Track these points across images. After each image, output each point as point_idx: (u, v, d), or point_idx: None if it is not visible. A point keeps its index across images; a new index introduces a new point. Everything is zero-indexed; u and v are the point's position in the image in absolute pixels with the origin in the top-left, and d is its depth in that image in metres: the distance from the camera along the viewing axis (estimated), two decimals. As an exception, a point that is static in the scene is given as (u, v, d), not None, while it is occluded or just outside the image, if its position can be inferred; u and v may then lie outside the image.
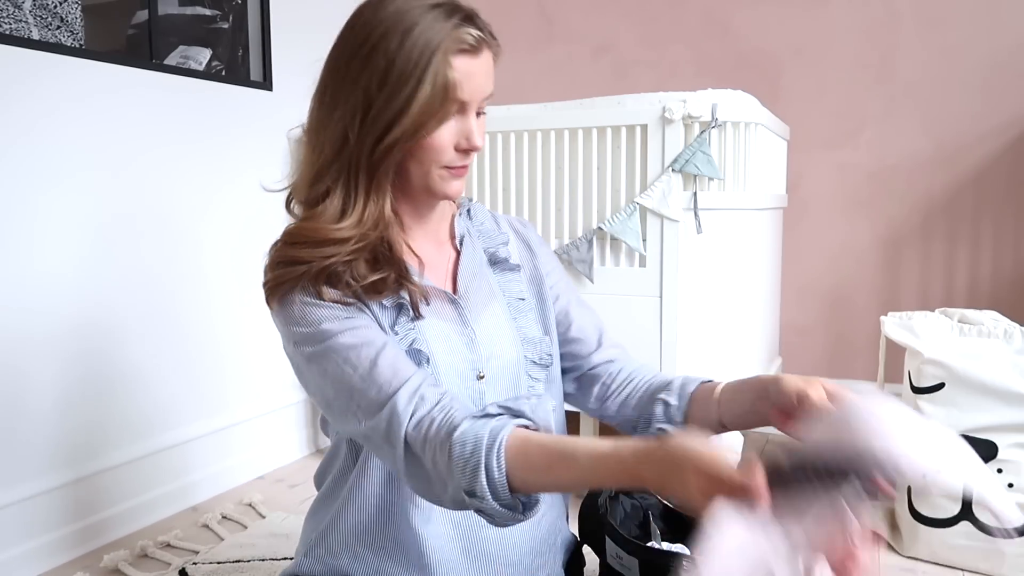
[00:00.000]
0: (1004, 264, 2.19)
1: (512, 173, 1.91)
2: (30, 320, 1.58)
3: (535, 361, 1.02)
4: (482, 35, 0.87)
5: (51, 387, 1.62)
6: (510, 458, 0.76)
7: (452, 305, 0.97)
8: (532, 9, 2.70)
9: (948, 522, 1.53)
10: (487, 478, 0.75)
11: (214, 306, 1.99)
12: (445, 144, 0.88)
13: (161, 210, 1.85)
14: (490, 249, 1.05)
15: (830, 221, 2.37)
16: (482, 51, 0.87)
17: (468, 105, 0.88)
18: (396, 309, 0.91)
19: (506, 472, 0.75)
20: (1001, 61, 2.14)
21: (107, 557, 1.60)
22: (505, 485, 0.75)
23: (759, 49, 2.40)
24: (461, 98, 0.86)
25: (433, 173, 0.90)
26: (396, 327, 0.91)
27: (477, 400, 0.96)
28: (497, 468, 0.75)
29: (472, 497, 0.76)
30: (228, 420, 2.04)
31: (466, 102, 0.87)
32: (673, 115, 1.71)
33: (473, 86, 0.86)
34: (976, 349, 1.53)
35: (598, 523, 1.09)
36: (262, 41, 2.12)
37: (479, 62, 0.87)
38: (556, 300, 1.09)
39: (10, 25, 1.51)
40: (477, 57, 0.86)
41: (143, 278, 1.80)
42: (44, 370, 1.61)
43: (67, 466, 1.66)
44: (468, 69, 0.85)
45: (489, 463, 0.75)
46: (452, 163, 0.90)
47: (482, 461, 0.75)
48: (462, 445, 0.77)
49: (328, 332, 0.86)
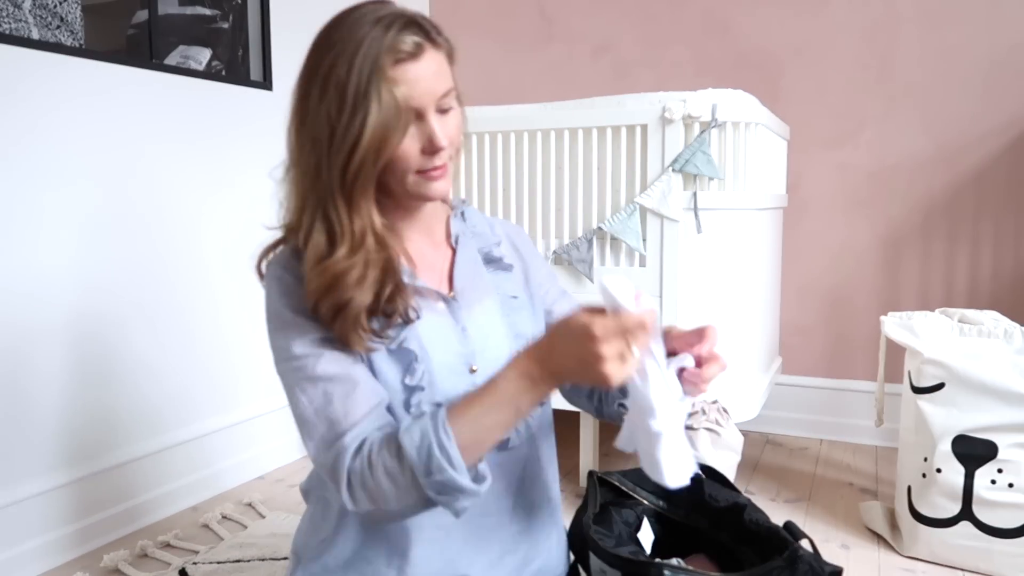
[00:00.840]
0: (1004, 264, 2.19)
1: (512, 173, 1.91)
2: (29, 323, 1.58)
3: None
4: (420, 39, 0.87)
5: (51, 388, 1.62)
6: (452, 420, 0.82)
7: (446, 302, 0.99)
8: (532, 9, 2.70)
9: (948, 522, 1.53)
10: (440, 450, 0.80)
11: (214, 307, 1.99)
12: (409, 153, 0.89)
13: (161, 210, 1.85)
14: (484, 249, 1.07)
15: (830, 221, 2.37)
16: (424, 54, 0.87)
17: (423, 109, 0.88)
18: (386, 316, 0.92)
19: (454, 437, 0.81)
20: (1001, 61, 2.14)
21: (107, 557, 1.60)
22: (457, 451, 0.80)
23: (759, 49, 2.40)
24: (413, 106, 0.87)
25: (408, 180, 0.91)
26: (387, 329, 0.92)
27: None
28: (446, 436, 0.81)
29: (429, 477, 0.80)
30: (228, 420, 2.04)
31: (416, 108, 0.87)
32: (673, 115, 1.71)
33: (421, 90, 0.87)
34: (976, 349, 1.53)
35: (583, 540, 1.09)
36: (262, 41, 2.12)
37: (422, 66, 0.87)
38: (545, 301, 1.12)
39: (10, 25, 1.51)
40: (419, 61, 0.87)
41: (142, 279, 1.80)
42: (44, 371, 1.61)
43: (67, 466, 1.66)
44: (411, 76, 0.86)
45: (439, 436, 0.80)
46: (423, 167, 0.90)
47: (431, 437, 0.80)
48: (410, 437, 0.82)
49: (296, 355, 0.89)
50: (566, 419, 1.81)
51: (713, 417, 1.67)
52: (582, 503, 1.20)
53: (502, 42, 2.76)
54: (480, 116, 1.94)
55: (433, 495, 0.82)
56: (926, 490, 1.56)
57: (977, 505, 1.50)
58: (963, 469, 1.51)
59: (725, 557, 1.15)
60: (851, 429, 2.37)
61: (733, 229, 1.77)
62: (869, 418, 2.32)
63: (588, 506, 1.15)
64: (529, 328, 1.05)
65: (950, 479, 1.52)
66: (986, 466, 1.49)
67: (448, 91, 0.90)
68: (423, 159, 0.90)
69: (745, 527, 1.11)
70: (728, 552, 1.15)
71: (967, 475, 1.50)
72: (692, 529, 1.21)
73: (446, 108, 0.91)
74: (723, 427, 1.67)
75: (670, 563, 0.98)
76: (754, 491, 1.99)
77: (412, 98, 0.86)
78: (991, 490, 1.49)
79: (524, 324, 1.04)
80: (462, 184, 1.96)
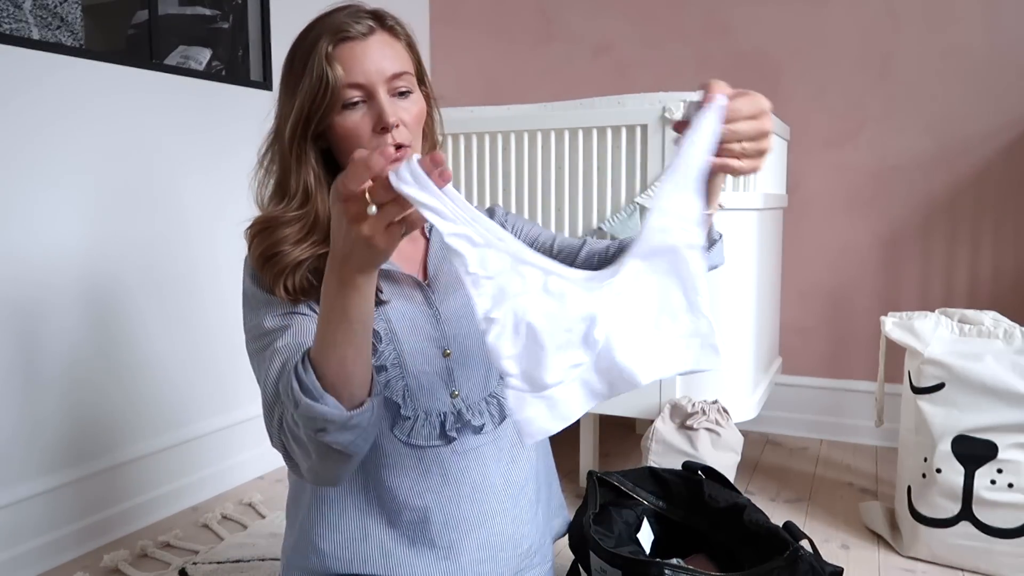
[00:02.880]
0: (1004, 264, 2.19)
1: (512, 173, 1.91)
2: (29, 323, 1.58)
3: None
4: (371, 23, 0.93)
5: (51, 388, 1.62)
6: (311, 354, 0.78)
7: (420, 289, 1.01)
8: (532, 9, 2.70)
9: (948, 522, 1.53)
10: (298, 382, 0.76)
11: (214, 307, 1.99)
12: (360, 130, 0.93)
13: (161, 210, 1.85)
14: None
15: (830, 221, 2.37)
16: (372, 36, 0.93)
17: (369, 87, 0.92)
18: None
19: (311, 366, 0.77)
20: (1001, 61, 2.14)
21: (107, 557, 1.60)
22: (314, 379, 0.76)
23: (759, 49, 2.40)
24: (354, 81, 0.91)
25: None
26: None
27: (445, 376, 0.98)
28: (303, 367, 0.77)
29: (298, 408, 0.77)
30: (228, 420, 2.04)
31: (362, 84, 0.92)
32: (673, 115, 1.71)
33: (364, 69, 0.91)
34: (976, 349, 1.53)
35: (583, 540, 1.09)
36: (262, 41, 2.12)
37: (366, 45, 0.92)
38: (532, 241, 1.13)
39: (10, 25, 1.51)
40: (364, 42, 0.92)
41: (141, 280, 1.81)
42: (44, 371, 1.61)
43: (67, 466, 1.66)
44: (355, 54, 0.92)
45: (297, 370, 0.77)
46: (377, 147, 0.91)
47: (291, 373, 0.78)
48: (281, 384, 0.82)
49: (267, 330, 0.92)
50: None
51: (713, 417, 1.67)
52: (582, 503, 1.20)
53: (502, 42, 2.76)
54: (480, 116, 1.94)
55: (313, 435, 0.78)
56: (926, 490, 1.56)
57: (977, 505, 1.50)
58: (963, 469, 1.51)
59: (725, 557, 1.16)
60: (851, 429, 2.37)
61: (733, 229, 1.77)
62: (869, 418, 2.32)
63: (588, 506, 1.16)
64: None
65: (950, 479, 1.52)
66: (986, 466, 1.49)
67: (401, 74, 0.94)
68: (375, 138, 0.93)
69: (745, 527, 1.11)
70: (728, 552, 1.15)
71: (967, 475, 1.50)
72: (692, 529, 1.21)
73: (402, 91, 0.94)
74: (723, 427, 1.67)
75: (670, 562, 0.98)
76: (754, 491, 1.99)
77: (355, 75, 0.91)
78: (991, 490, 1.49)
79: None
80: (462, 184, 1.96)
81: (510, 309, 0.71)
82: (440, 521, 0.96)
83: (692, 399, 1.72)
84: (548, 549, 1.09)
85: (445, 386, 0.98)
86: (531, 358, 0.71)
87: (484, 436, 0.99)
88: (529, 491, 1.04)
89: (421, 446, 0.96)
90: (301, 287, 0.92)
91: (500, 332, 0.71)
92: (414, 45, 1.00)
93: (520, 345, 0.71)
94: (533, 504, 1.05)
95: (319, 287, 0.90)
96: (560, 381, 0.72)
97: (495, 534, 0.98)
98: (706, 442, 1.66)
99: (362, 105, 0.93)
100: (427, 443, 0.96)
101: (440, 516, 0.96)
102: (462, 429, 0.98)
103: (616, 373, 0.73)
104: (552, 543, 1.12)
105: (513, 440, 1.03)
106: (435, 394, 0.97)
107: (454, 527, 0.96)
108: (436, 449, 0.97)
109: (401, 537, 0.96)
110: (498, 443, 1.01)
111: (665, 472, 1.26)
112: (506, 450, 1.02)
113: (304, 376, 0.76)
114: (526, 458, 1.05)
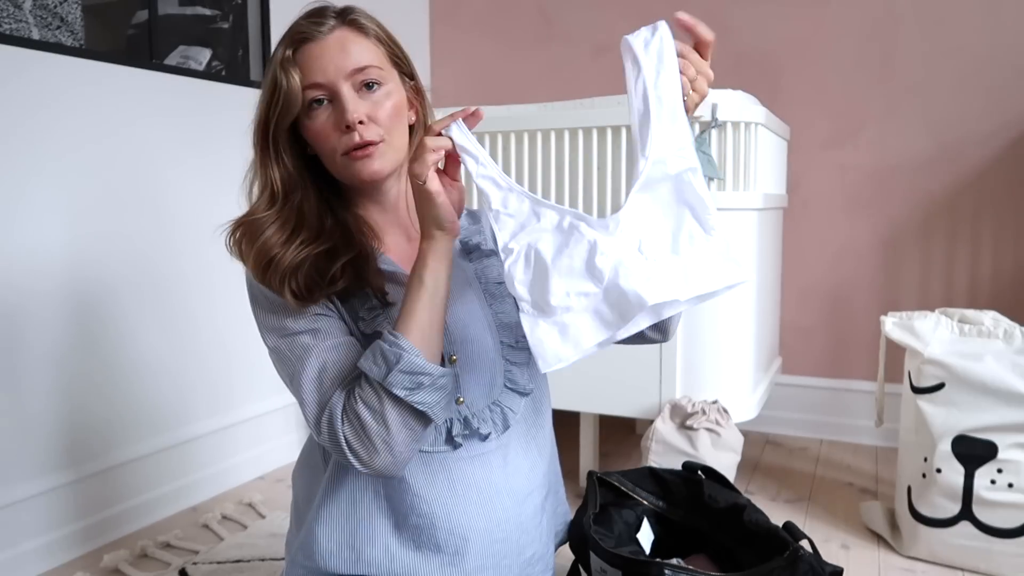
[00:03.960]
0: (1004, 264, 2.19)
1: (512, 173, 1.91)
2: (27, 323, 1.58)
3: (512, 345, 1.03)
4: (331, 22, 0.94)
5: (51, 388, 1.62)
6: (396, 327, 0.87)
7: None
8: (532, 9, 2.70)
9: (948, 522, 1.53)
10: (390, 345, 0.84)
11: (214, 307, 1.99)
12: (326, 131, 0.94)
13: (161, 210, 1.85)
14: (463, 238, 1.08)
15: (830, 221, 2.37)
16: (329, 35, 0.94)
17: (329, 85, 0.93)
18: (362, 300, 0.95)
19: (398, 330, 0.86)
20: (1001, 61, 2.14)
21: (107, 557, 1.60)
22: (406, 339, 0.85)
23: (759, 49, 2.40)
24: (313, 81, 0.92)
25: (337, 161, 0.96)
26: (361, 313, 0.95)
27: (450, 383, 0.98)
28: (391, 335, 0.85)
29: (393, 374, 0.83)
30: (228, 420, 2.04)
31: (322, 84, 0.93)
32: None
33: (320, 67, 0.92)
34: (976, 349, 1.53)
35: (583, 540, 1.09)
36: (262, 41, 2.12)
37: (323, 44, 0.93)
38: None
39: (10, 25, 1.51)
40: (320, 41, 0.93)
41: (141, 279, 1.81)
42: (44, 371, 1.61)
43: (67, 466, 1.66)
44: (310, 55, 0.93)
45: (386, 338, 0.85)
46: (346, 146, 0.94)
47: (379, 344, 0.85)
48: (365, 358, 0.86)
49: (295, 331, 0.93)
50: (566, 420, 1.81)
51: (713, 417, 1.68)
52: (582, 503, 1.20)
53: (502, 42, 2.76)
54: (480, 116, 1.94)
55: (408, 396, 0.84)
56: (926, 490, 1.56)
57: (977, 505, 1.50)
58: (963, 469, 1.51)
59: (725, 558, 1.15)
60: (851, 429, 2.37)
61: (733, 229, 1.77)
62: (869, 418, 2.32)
63: (588, 506, 1.16)
64: (514, 315, 1.04)
65: (950, 479, 1.52)
66: (986, 466, 1.49)
67: (365, 67, 0.94)
68: (342, 137, 0.94)
69: (745, 527, 1.11)
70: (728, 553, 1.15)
71: (967, 475, 1.50)
72: (692, 530, 1.21)
73: (368, 83, 0.94)
74: (723, 427, 1.67)
75: (670, 563, 0.98)
76: (754, 491, 1.99)
77: (314, 75, 0.92)
78: (991, 490, 1.49)
79: (509, 312, 1.04)
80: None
81: (525, 240, 0.79)
82: (446, 527, 0.95)
83: (692, 399, 1.72)
84: (551, 558, 1.09)
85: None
86: (538, 282, 0.78)
87: (490, 443, 0.99)
88: (535, 499, 1.04)
89: (427, 451, 0.96)
90: (307, 286, 0.91)
91: (515, 260, 0.79)
92: (386, 39, 0.99)
93: (531, 272, 0.78)
94: (539, 512, 1.05)
95: (324, 285, 0.91)
96: (568, 307, 0.76)
97: (499, 541, 0.98)
98: (706, 442, 1.66)
99: (328, 104, 0.94)
100: (433, 448, 0.96)
101: (446, 522, 0.95)
102: (469, 436, 0.97)
103: (624, 300, 0.75)
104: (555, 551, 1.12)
105: (520, 448, 1.03)
106: None
107: (459, 533, 0.96)
108: (443, 455, 0.96)
109: (407, 541, 0.96)
110: (504, 451, 1.00)
111: (665, 472, 1.26)
112: (512, 458, 1.01)
113: (398, 338, 0.84)
114: (531, 466, 1.04)
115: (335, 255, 0.93)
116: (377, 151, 0.95)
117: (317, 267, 0.92)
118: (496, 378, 1.01)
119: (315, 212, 0.97)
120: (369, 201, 1.03)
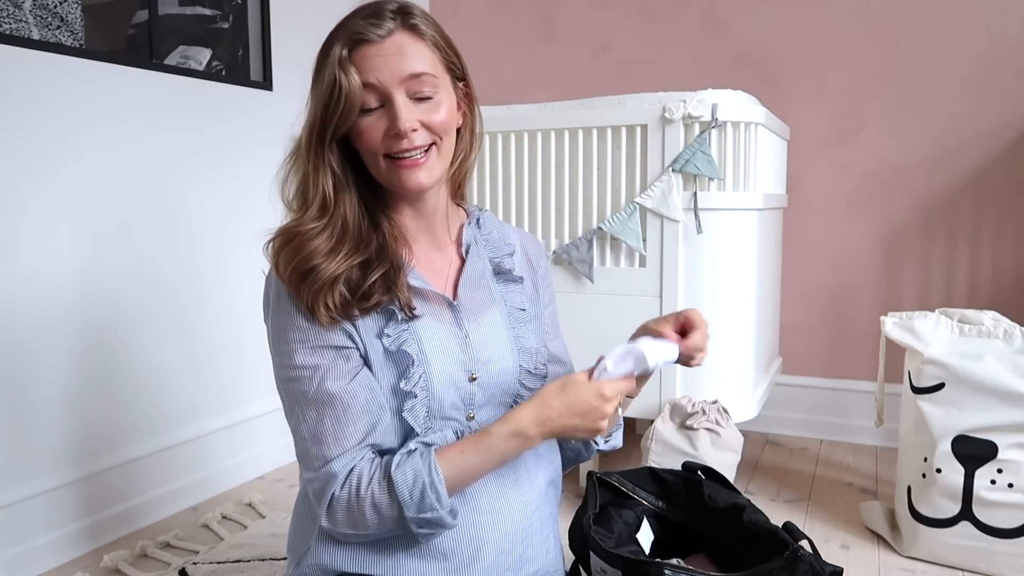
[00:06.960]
0: (1004, 264, 2.19)
1: (512, 173, 1.91)
2: (30, 323, 1.58)
3: (530, 370, 1.04)
4: (391, 24, 0.91)
5: (51, 388, 1.62)
6: (442, 463, 0.89)
7: (450, 309, 1.00)
8: (532, 9, 2.70)
9: (948, 522, 1.53)
10: (432, 491, 0.87)
11: (214, 307, 1.99)
12: (373, 133, 0.92)
13: (161, 210, 1.85)
14: (495, 259, 1.08)
15: (830, 221, 2.37)
16: (387, 39, 0.91)
17: (383, 91, 0.91)
18: (387, 315, 0.94)
19: (444, 480, 0.88)
20: (1001, 61, 2.14)
21: (107, 557, 1.60)
22: (446, 493, 0.88)
23: (759, 49, 2.39)
24: (369, 85, 0.90)
25: (380, 164, 0.94)
26: (386, 330, 0.93)
27: (468, 401, 0.98)
28: (438, 478, 0.88)
29: (419, 515, 0.88)
30: (228, 420, 2.04)
31: (377, 88, 0.90)
32: (673, 115, 1.71)
33: (375, 70, 0.90)
34: (976, 349, 1.53)
35: (583, 540, 1.09)
36: (262, 41, 2.12)
37: (381, 47, 0.91)
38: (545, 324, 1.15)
39: (10, 25, 1.51)
40: (379, 45, 0.91)
41: (142, 279, 1.81)
42: (44, 372, 1.61)
43: (67, 466, 1.66)
44: (367, 58, 0.90)
45: (431, 477, 0.88)
46: (389, 150, 0.93)
47: (424, 479, 0.87)
48: (403, 475, 0.88)
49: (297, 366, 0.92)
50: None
51: (713, 417, 1.67)
52: (582, 503, 1.20)
53: (502, 42, 2.76)
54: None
55: (415, 528, 0.88)
56: (926, 490, 1.56)
57: (977, 505, 1.50)
58: (963, 469, 1.51)
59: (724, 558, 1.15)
60: (851, 429, 2.37)
61: (733, 229, 1.77)
62: (869, 418, 2.32)
63: (588, 506, 1.16)
64: (533, 342, 1.06)
65: (950, 479, 1.52)
66: (986, 466, 1.49)
67: (420, 75, 0.92)
68: (388, 142, 0.92)
69: (744, 528, 1.11)
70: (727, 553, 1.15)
71: (967, 475, 1.50)
72: (691, 530, 1.21)
73: (421, 95, 0.92)
74: (723, 427, 1.67)
75: (670, 563, 0.98)
76: (754, 491, 1.99)
77: (370, 79, 0.90)
78: (991, 490, 1.49)
79: (529, 337, 1.05)
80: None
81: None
82: (456, 535, 0.95)
83: (692, 399, 1.72)
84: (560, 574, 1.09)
85: (464, 408, 0.98)
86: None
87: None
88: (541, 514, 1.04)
89: None
90: (341, 301, 0.90)
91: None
92: (443, 44, 0.96)
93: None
94: (545, 527, 1.05)
95: (354, 302, 0.91)
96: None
97: (504, 552, 0.98)
98: (706, 442, 1.66)
99: (379, 109, 0.92)
100: None
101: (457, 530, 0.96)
102: None
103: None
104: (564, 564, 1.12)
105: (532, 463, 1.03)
106: (453, 415, 0.97)
107: (470, 543, 0.96)
108: None
109: (412, 544, 0.95)
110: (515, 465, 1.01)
111: (665, 472, 1.26)
112: (523, 472, 1.02)
113: (440, 489, 0.88)
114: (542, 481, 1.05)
115: (369, 267, 0.92)
116: (425, 161, 0.94)
117: (351, 280, 0.91)
118: (509, 399, 1.03)
119: (357, 219, 0.95)
120: (406, 205, 1.01)
